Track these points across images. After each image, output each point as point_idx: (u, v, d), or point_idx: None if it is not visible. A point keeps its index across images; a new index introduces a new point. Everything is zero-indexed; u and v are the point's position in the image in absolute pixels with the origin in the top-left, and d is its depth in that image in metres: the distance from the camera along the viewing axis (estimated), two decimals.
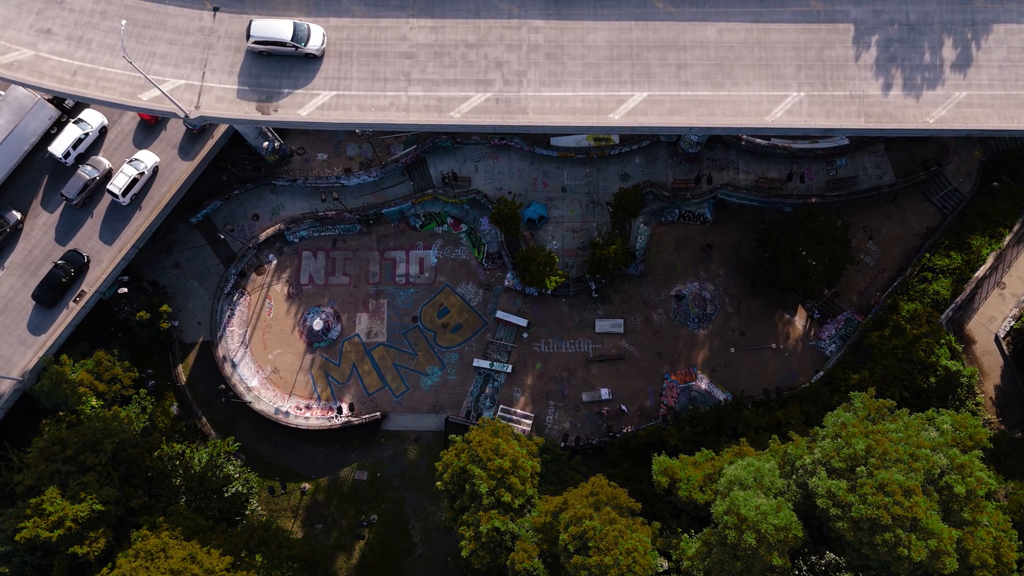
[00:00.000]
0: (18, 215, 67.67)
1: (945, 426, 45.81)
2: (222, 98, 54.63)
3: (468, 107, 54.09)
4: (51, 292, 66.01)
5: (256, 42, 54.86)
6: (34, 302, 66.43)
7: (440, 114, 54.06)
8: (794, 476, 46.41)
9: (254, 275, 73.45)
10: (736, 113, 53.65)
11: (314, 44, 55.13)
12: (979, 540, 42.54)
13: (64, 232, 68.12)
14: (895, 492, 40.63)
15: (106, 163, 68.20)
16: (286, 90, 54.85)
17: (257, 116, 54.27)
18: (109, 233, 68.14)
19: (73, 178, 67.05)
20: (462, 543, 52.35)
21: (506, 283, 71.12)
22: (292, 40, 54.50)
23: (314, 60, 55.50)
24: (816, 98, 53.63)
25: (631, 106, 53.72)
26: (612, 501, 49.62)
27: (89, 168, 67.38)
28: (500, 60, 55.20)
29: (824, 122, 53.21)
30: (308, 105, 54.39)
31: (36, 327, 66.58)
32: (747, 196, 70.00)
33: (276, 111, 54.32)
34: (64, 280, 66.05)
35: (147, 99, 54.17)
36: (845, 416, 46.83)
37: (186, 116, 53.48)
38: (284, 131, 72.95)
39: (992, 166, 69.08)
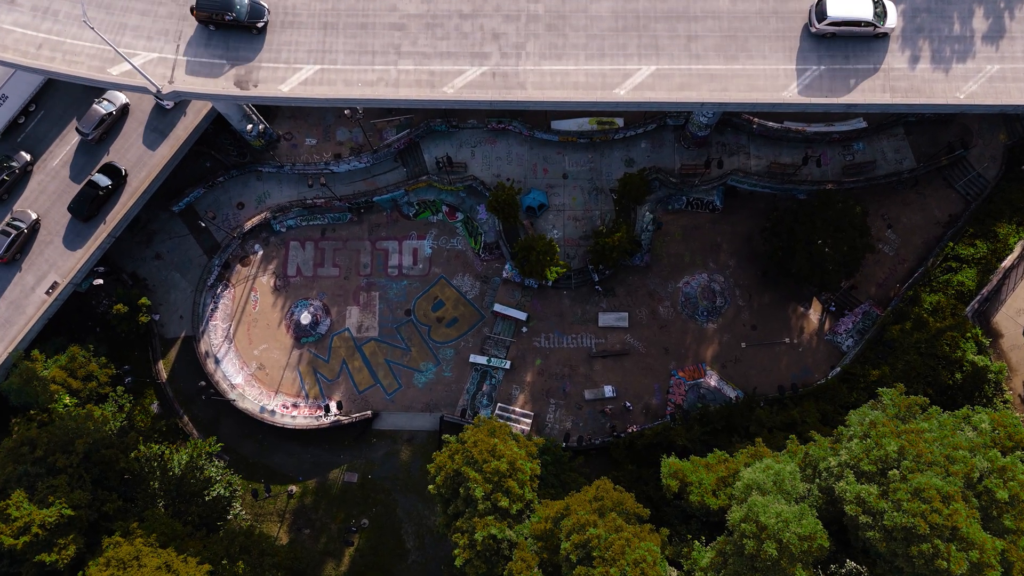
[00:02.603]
0: (27, 156, 64.93)
1: (983, 425, 42.00)
2: (198, 72, 50.80)
3: (462, 82, 50.38)
4: (87, 205, 63.13)
5: (831, 23, 49.62)
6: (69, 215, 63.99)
7: (432, 89, 50.37)
8: (817, 480, 42.59)
9: (239, 266, 69.92)
10: (751, 88, 49.96)
11: (891, 21, 49.89)
12: (1022, 551, 38.70)
13: (79, 170, 65.16)
14: (933, 498, 36.79)
15: (123, 98, 65.47)
16: (267, 64, 51.02)
17: (235, 92, 50.57)
18: (150, 141, 65.57)
19: (88, 112, 64.26)
20: (456, 551, 48.87)
21: (504, 275, 67.57)
22: (873, 18, 49.52)
23: (884, 39, 50.39)
24: (837, 71, 49.93)
25: (638, 81, 49.99)
26: (618, 506, 45.91)
27: (106, 103, 64.59)
28: (497, 32, 51.48)
29: (846, 97, 49.46)
30: (290, 80, 50.68)
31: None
32: (759, 182, 66.37)
33: (256, 86, 50.63)
34: (101, 193, 63.26)
35: (117, 74, 50.52)
36: (873, 414, 42.99)
37: (158, 91, 49.73)
38: (271, 115, 69.58)
39: (1018, 150, 65.28)
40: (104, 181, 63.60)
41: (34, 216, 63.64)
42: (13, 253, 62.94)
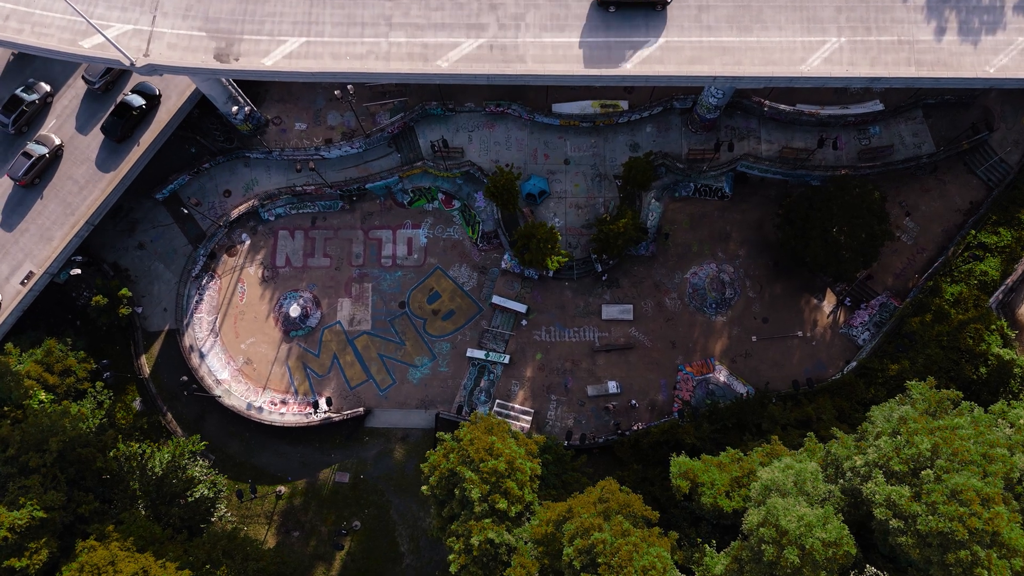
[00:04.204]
0: (47, 87, 62.70)
1: (1021, 421, 38.76)
2: (175, 45, 47.82)
3: (458, 55, 47.24)
4: (121, 126, 60.91)
5: None
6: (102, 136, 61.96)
7: (426, 62, 47.26)
8: (841, 480, 39.33)
9: (225, 256, 66.88)
10: (766, 62, 46.88)
11: None
12: None
13: (85, 119, 62.60)
14: (971, 500, 33.61)
15: None
16: (249, 36, 47.83)
17: (215, 66, 47.43)
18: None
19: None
20: (451, 557, 45.90)
21: (503, 265, 64.49)
22: None
23: None
24: (859, 44, 46.82)
25: (646, 54, 46.86)
26: (624, 509, 42.82)
27: None
28: (494, 1, 48.57)
29: (868, 71, 46.48)
30: (274, 53, 47.54)
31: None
32: (770, 168, 63.35)
33: (237, 60, 47.44)
34: (135, 113, 60.99)
35: (89, 46, 47.51)
36: (903, 410, 39.76)
37: (132, 64, 46.53)
38: (259, 98, 66.68)
39: None
40: (137, 101, 61.31)
41: (57, 141, 61.41)
42: (32, 177, 60.78)
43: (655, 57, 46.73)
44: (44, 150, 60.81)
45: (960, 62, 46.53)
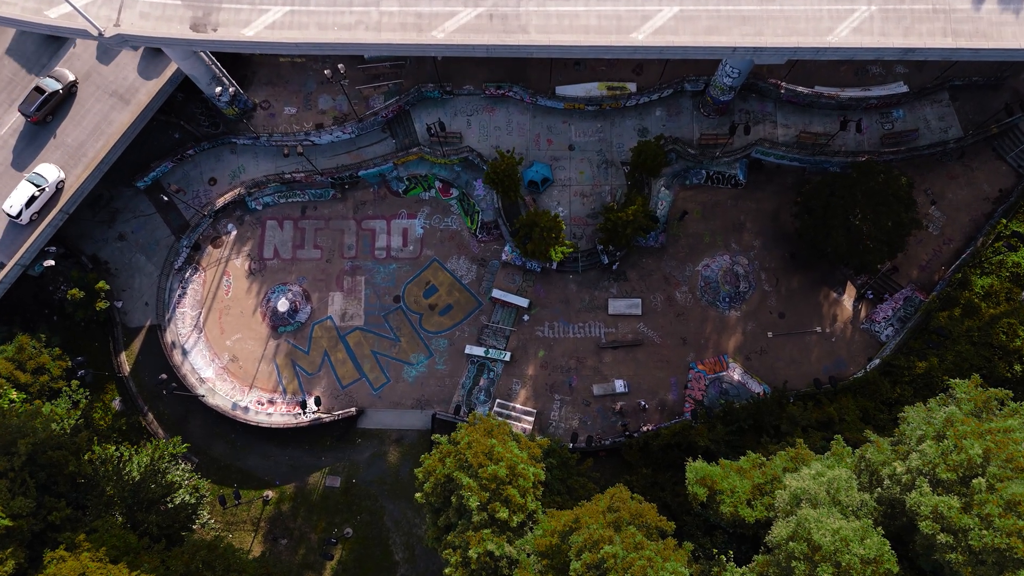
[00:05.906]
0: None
1: None
2: (148, 15, 44.23)
3: (454, 25, 43.62)
4: None
5: None
6: None
7: (420, 33, 43.63)
8: (878, 489, 35.63)
9: (210, 248, 63.47)
10: (790, 32, 43.28)
11: None
12: None
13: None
14: None
15: None
16: (228, 5, 44.17)
17: (191, 36, 43.84)
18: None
19: None
20: (447, 570, 42.30)
21: (504, 257, 60.99)
22: None
23: None
24: (891, 12, 43.21)
25: (659, 23, 43.21)
26: (637, 519, 39.24)
27: None
28: None
29: (902, 41, 42.86)
30: (255, 23, 43.91)
31: None
32: (787, 154, 59.84)
33: (215, 31, 43.77)
34: None
35: (55, 16, 43.89)
36: (947, 411, 36.03)
37: (100, 35, 42.89)
38: (246, 81, 63.29)
39: None
40: None
41: (71, 77, 58.24)
42: (45, 114, 57.86)
43: (669, 27, 43.10)
44: (57, 85, 57.48)
45: (1001, 32, 42.87)
